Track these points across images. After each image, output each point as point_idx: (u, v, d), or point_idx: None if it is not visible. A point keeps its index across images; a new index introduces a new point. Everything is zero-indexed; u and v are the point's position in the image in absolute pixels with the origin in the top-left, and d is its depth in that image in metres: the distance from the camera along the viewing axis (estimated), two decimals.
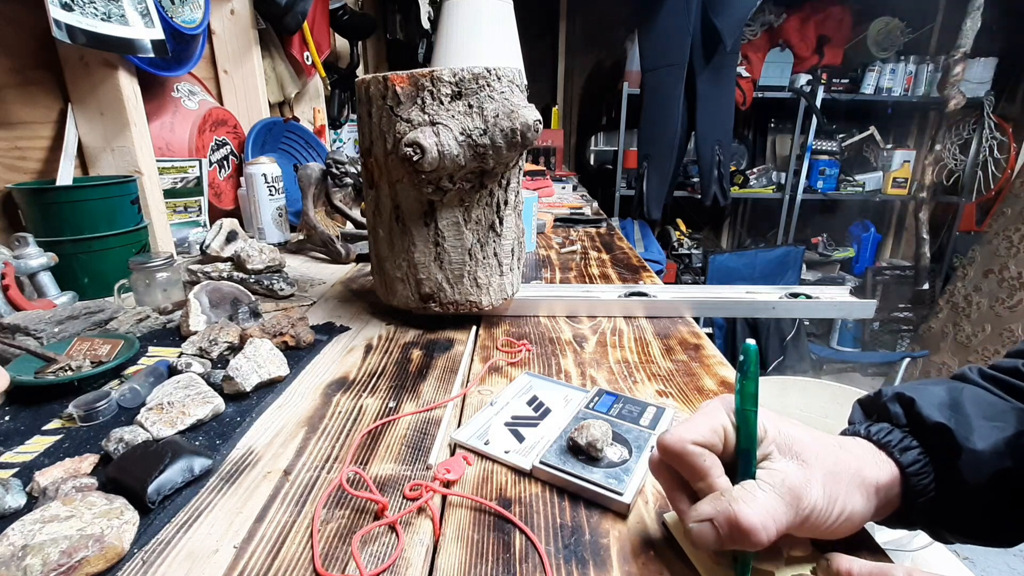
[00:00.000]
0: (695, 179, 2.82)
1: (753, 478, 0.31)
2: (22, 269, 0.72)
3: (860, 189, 3.08)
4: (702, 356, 0.63)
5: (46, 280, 0.75)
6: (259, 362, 0.55)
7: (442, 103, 0.58)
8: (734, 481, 0.31)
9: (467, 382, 0.57)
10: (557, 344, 0.66)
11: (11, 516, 0.37)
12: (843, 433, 0.37)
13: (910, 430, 0.34)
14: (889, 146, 3.14)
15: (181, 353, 0.61)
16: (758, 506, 0.29)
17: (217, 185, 1.17)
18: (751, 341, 0.31)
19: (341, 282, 0.91)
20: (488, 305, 0.69)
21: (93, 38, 0.78)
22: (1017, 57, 2.77)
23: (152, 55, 0.88)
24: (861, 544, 0.35)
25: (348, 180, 1.09)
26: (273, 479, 0.41)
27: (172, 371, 0.56)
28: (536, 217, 1.15)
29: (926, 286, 3.07)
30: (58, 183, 0.82)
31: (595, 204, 1.81)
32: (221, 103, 1.27)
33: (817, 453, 0.32)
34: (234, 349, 0.63)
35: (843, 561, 0.29)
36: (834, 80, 2.85)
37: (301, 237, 1.13)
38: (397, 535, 0.36)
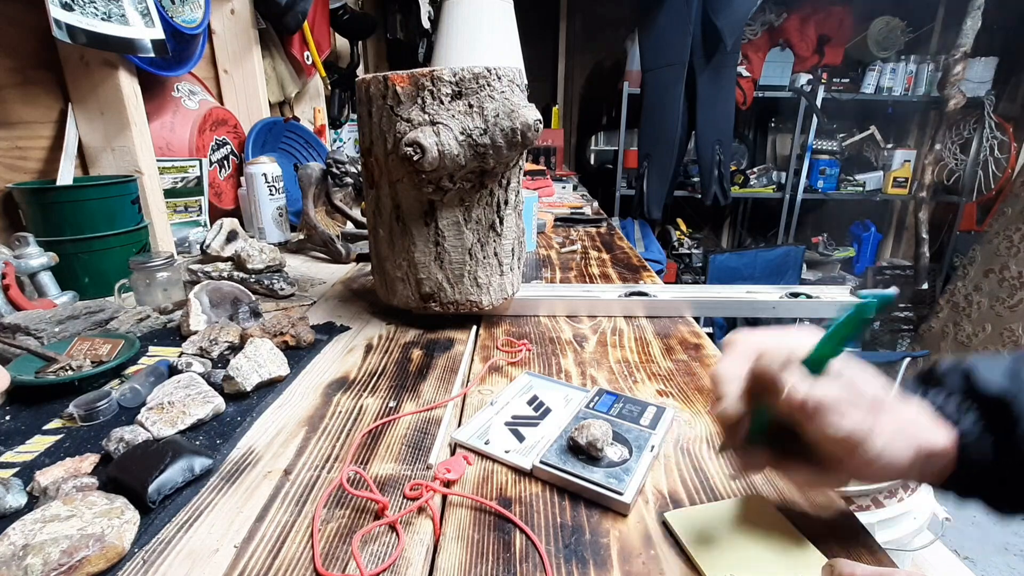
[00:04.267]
0: (695, 179, 2.82)
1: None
2: (22, 269, 0.72)
3: (860, 189, 3.08)
4: (702, 356, 0.63)
5: (46, 280, 0.75)
6: (259, 362, 0.55)
7: (442, 103, 0.58)
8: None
9: (467, 382, 0.57)
10: (557, 344, 0.66)
11: (12, 516, 0.37)
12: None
13: (968, 397, 0.33)
14: (889, 146, 3.14)
15: (181, 353, 0.61)
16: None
17: (217, 185, 1.17)
18: (893, 290, 0.29)
19: (341, 282, 0.91)
20: (488, 305, 0.69)
21: (93, 38, 0.78)
22: (1017, 57, 2.77)
23: (152, 55, 0.88)
24: (861, 544, 0.35)
25: (348, 180, 1.09)
26: (273, 479, 0.41)
27: (172, 371, 0.56)
28: (536, 217, 1.15)
29: (926, 286, 3.07)
30: (58, 183, 0.82)
31: (595, 204, 1.81)
32: (221, 103, 1.27)
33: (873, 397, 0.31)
34: (234, 349, 0.63)
35: (846, 567, 0.30)
36: (834, 80, 2.85)
37: (301, 237, 1.13)
38: (397, 535, 0.36)
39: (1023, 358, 0.34)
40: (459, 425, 0.49)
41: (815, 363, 0.31)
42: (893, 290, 0.30)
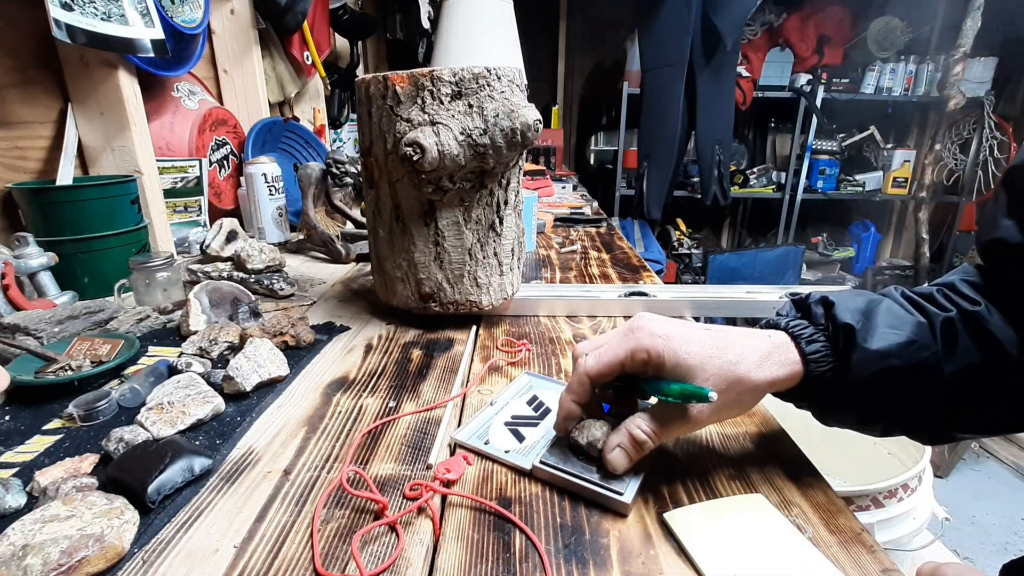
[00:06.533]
0: (695, 179, 2.82)
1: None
2: (22, 269, 0.72)
3: (860, 189, 3.08)
4: None
5: (46, 280, 0.75)
6: (259, 362, 0.55)
7: (442, 103, 0.58)
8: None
9: (467, 382, 0.57)
10: (557, 344, 0.66)
11: (11, 516, 0.37)
12: (767, 323, 0.44)
13: (824, 328, 0.40)
14: (889, 146, 3.14)
15: (181, 353, 0.61)
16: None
17: (217, 185, 1.17)
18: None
19: (341, 282, 0.91)
20: (488, 305, 0.69)
21: (93, 38, 0.78)
22: (1017, 57, 2.77)
23: (152, 55, 0.88)
24: (861, 544, 0.35)
25: (348, 180, 1.09)
26: (273, 479, 0.41)
27: (172, 371, 0.56)
28: (536, 217, 1.15)
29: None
30: (58, 183, 0.82)
31: (595, 204, 1.81)
32: (221, 103, 1.27)
33: (710, 377, 0.38)
34: (234, 349, 0.63)
35: (927, 565, 0.33)
36: (834, 80, 2.85)
37: (301, 237, 1.13)
38: (397, 535, 0.36)
39: (876, 301, 0.41)
40: (459, 425, 0.49)
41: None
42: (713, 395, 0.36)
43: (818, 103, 2.79)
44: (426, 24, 2.08)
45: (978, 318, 0.38)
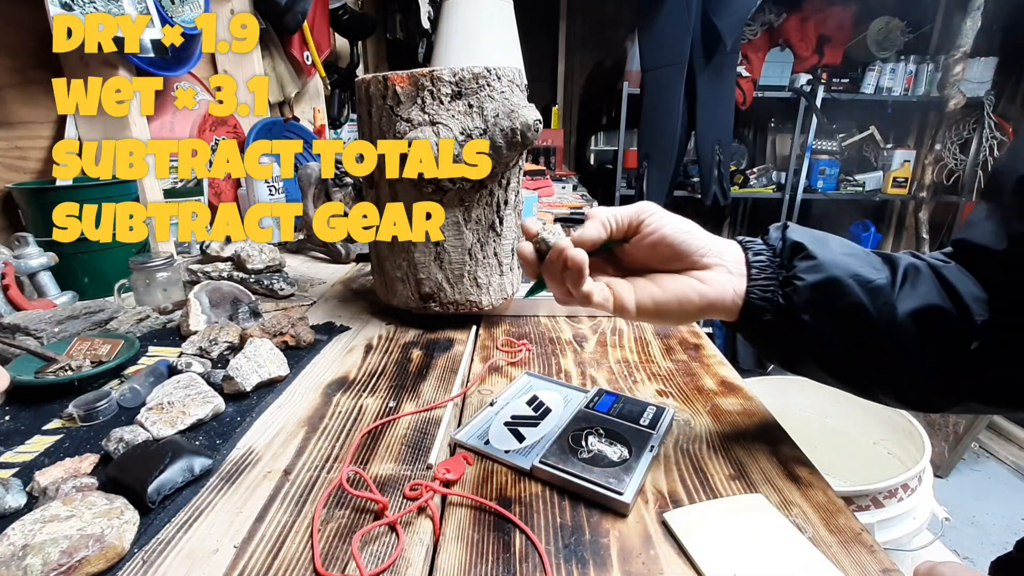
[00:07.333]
0: (695, 179, 2.82)
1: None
2: (22, 269, 0.72)
3: (860, 189, 3.07)
4: (702, 356, 0.63)
5: (46, 280, 0.75)
6: (259, 362, 0.55)
7: (442, 103, 0.58)
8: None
9: (467, 382, 0.57)
10: (557, 344, 0.66)
11: (11, 516, 0.37)
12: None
13: (778, 248, 0.41)
14: (889, 146, 3.14)
15: (181, 353, 0.61)
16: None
17: (217, 185, 1.17)
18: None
19: (341, 282, 0.91)
20: (488, 305, 0.69)
21: None
22: (1017, 57, 2.77)
23: (152, 55, 0.88)
24: (861, 544, 0.35)
25: (348, 180, 1.09)
26: (273, 479, 0.41)
27: (172, 371, 0.56)
28: (536, 217, 1.15)
29: None
30: (58, 183, 0.82)
31: (595, 204, 1.81)
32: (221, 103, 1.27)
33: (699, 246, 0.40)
34: (234, 349, 0.63)
35: (924, 564, 0.33)
36: (834, 80, 2.85)
37: (301, 237, 1.13)
38: (397, 535, 0.36)
39: (832, 236, 0.41)
40: (459, 425, 0.49)
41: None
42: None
43: (818, 103, 2.79)
44: (426, 24, 2.08)
45: (944, 271, 0.40)
